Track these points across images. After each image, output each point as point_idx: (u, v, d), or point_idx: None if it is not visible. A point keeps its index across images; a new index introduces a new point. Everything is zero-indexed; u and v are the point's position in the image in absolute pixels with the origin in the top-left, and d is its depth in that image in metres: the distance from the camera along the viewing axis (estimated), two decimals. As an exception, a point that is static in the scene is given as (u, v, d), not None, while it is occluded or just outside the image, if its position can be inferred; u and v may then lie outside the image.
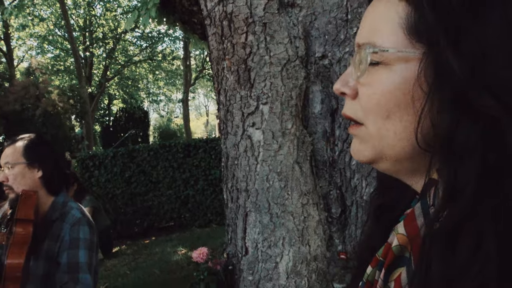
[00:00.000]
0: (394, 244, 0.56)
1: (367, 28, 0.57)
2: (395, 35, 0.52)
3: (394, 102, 0.53)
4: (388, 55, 0.53)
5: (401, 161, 0.56)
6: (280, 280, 2.12)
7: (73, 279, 2.01)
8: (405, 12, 0.52)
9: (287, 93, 2.22)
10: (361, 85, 0.56)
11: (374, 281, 0.60)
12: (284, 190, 2.18)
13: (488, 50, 0.47)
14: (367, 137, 0.57)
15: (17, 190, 2.09)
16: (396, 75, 0.52)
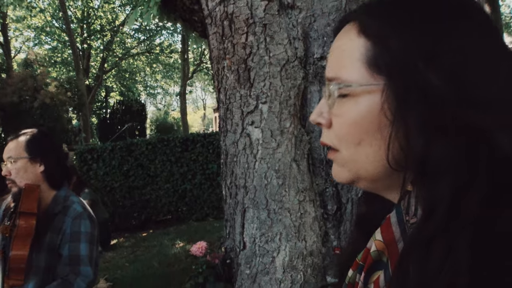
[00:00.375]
0: (372, 250, 0.61)
1: (333, 63, 0.61)
2: (357, 70, 0.57)
3: (363, 130, 0.57)
4: (353, 89, 0.57)
5: (376, 180, 0.60)
6: (277, 274, 2.18)
7: (74, 271, 2.06)
8: (364, 47, 0.56)
9: (286, 92, 2.27)
10: (334, 115, 0.61)
11: (355, 283, 0.65)
12: (282, 187, 2.24)
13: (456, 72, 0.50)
14: (343, 161, 0.62)
15: (20, 184, 2.14)
16: (362, 106, 0.56)
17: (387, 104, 0.54)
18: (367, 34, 0.56)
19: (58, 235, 2.13)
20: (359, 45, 0.57)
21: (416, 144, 0.51)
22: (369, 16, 0.58)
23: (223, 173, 2.63)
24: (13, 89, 11.62)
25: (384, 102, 0.54)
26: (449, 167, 0.49)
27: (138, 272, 3.51)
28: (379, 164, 0.57)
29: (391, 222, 0.60)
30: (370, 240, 0.62)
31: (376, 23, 0.56)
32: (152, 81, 31.79)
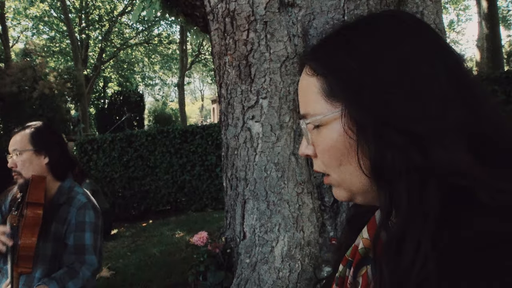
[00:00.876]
0: (360, 247, 0.67)
1: (302, 102, 0.70)
2: (319, 103, 0.65)
3: (339, 153, 0.65)
4: (322, 120, 0.65)
5: (366, 192, 0.66)
6: (276, 263, 2.26)
7: (79, 260, 2.12)
8: (318, 83, 0.65)
9: (285, 88, 2.34)
10: (316, 146, 0.68)
11: (346, 277, 0.71)
12: (281, 179, 2.32)
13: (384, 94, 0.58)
14: (336, 183, 0.69)
15: (26, 176, 2.18)
16: (332, 132, 0.64)
17: (347, 126, 0.62)
18: (317, 73, 0.65)
19: (63, 225, 2.19)
20: (314, 83, 0.66)
21: (373, 156, 0.58)
22: (314, 58, 0.67)
23: (224, 166, 2.70)
24: (12, 79, 11.59)
25: (345, 125, 0.62)
26: (399, 174, 0.56)
27: (139, 261, 3.56)
28: (362, 179, 0.63)
29: (375, 219, 0.67)
30: (358, 237, 0.69)
31: (320, 62, 0.65)
32: (150, 72, 31.68)
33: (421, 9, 2.43)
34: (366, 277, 0.65)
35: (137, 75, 31.19)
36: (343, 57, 0.62)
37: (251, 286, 2.25)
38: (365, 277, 0.66)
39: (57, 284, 1.96)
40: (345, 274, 0.71)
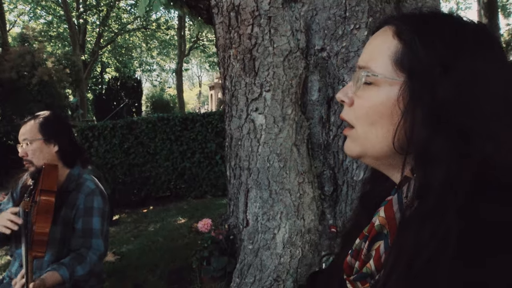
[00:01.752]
0: (376, 224, 0.73)
1: (367, 55, 0.73)
2: (384, 64, 0.69)
3: (378, 114, 0.69)
4: (377, 79, 0.69)
5: (380, 158, 0.72)
6: (277, 249, 2.36)
7: (86, 244, 2.20)
8: (395, 48, 0.68)
9: (288, 81, 2.42)
10: (357, 97, 0.73)
11: (360, 250, 0.76)
12: (283, 169, 2.41)
13: (462, 87, 0.61)
14: (356, 137, 0.73)
15: (37, 164, 2.25)
16: (382, 94, 0.68)
17: (402, 97, 0.66)
18: (400, 37, 0.68)
19: (72, 210, 2.27)
20: (392, 45, 0.69)
21: (419, 135, 0.62)
22: (405, 23, 0.69)
23: (227, 155, 2.78)
24: (11, 65, 11.55)
25: (400, 95, 0.66)
26: (443, 159, 0.60)
27: (143, 246, 3.65)
28: (385, 145, 0.69)
29: (393, 203, 0.72)
30: (375, 215, 0.75)
31: (409, 30, 0.67)
32: (148, 58, 31.53)
33: (420, 5, 2.50)
34: (379, 251, 0.71)
35: (135, 61, 31.03)
36: (434, 39, 0.65)
37: (253, 271, 2.35)
38: (378, 250, 0.72)
39: (66, 269, 2.03)
40: (360, 247, 0.77)
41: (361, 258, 0.75)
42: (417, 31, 0.67)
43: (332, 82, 2.43)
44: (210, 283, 2.58)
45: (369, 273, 0.73)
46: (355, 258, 0.77)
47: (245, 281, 2.35)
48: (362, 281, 0.74)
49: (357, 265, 0.76)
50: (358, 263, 0.76)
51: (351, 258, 0.79)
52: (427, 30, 0.67)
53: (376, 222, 0.73)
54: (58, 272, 2.00)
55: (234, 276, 2.41)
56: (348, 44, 2.34)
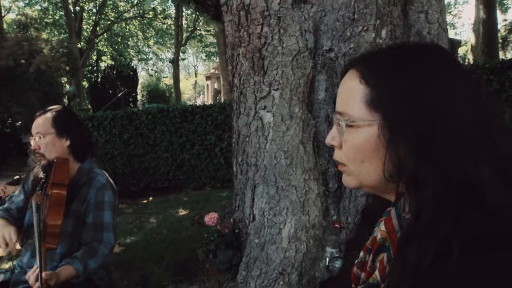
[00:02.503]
0: (378, 237, 0.80)
1: (342, 101, 0.80)
2: (359, 108, 0.75)
3: (364, 152, 0.76)
4: (356, 123, 0.75)
5: (375, 187, 0.79)
6: (283, 243, 2.43)
7: (97, 237, 2.25)
8: (364, 92, 0.74)
9: (296, 81, 2.48)
10: (343, 140, 0.79)
11: (366, 262, 0.83)
12: (290, 166, 2.47)
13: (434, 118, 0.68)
14: (350, 173, 0.81)
15: (49, 157, 2.30)
16: (364, 134, 0.75)
17: (382, 134, 0.72)
18: (366, 82, 0.74)
19: (83, 204, 2.32)
20: (360, 90, 0.75)
21: (406, 165, 0.69)
22: (367, 68, 0.76)
23: (234, 151, 2.85)
24: (8, 52, 11.50)
25: (380, 133, 0.72)
26: (429, 182, 0.67)
27: (147, 238, 3.69)
28: (377, 177, 0.76)
29: (392, 216, 0.79)
30: (376, 229, 0.83)
31: (372, 74, 0.74)
32: (144, 47, 31.38)
33: (426, 8, 2.56)
34: (383, 262, 0.78)
35: (131, 50, 30.88)
36: (396, 77, 0.72)
37: (259, 264, 2.42)
38: (382, 262, 0.78)
39: (79, 263, 2.08)
40: (365, 259, 0.84)
41: (366, 269, 0.82)
42: (379, 73, 0.74)
43: (339, 82, 2.48)
44: (216, 275, 2.66)
45: (375, 283, 0.79)
46: (361, 270, 0.85)
47: (251, 274, 2.42)
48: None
49: (363, 276, 0.83)
50: (364, 274, 0.83)
51: (357, 269, 0.87)
52: (388, 70, 0.74)
53: (378, 236, 0.81)
54: (72, 266, 2.04)
55: (241, 269, 2.49)
56: (355, 45, 2.40)
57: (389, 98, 0.71)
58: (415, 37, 2.57)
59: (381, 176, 0.75)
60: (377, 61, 0.78)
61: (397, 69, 0.73)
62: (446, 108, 0.69)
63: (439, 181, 0.67)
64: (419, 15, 2.56)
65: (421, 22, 2.56)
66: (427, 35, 2.56)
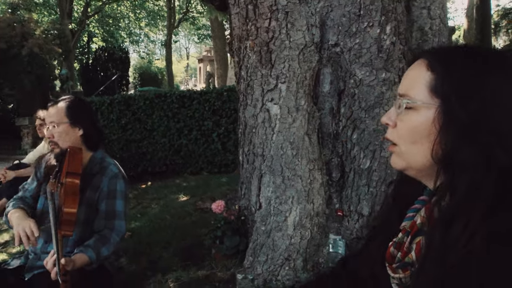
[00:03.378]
0: (418, 222, 0.88)
1: (406, 84, 0.89)
2: (422, 92, 0.84)
3: (418, 134, 0.84)
4: (416, 105, 0.84)
5: (421, 170, 0.87)
6: (288, 231, 2.53)
7: (109, 225, 2.34)
8: (429, 78, 0.83)
9: (302, 74, 2.56)
10: (399, 120, 0.88)
11: (403, 243, 0.90)
12: (295, 157, 2.56)
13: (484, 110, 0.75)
14: (400, 153, 0.89)
15: (62, 146, 2.37)
16: (421, 117, 0.83)
17: (437, 118, 0.80)
18: (433, 70, 0.84)
19: (95, 192, 2.40)
20: (426, 76, 0.84)
21: (452, 148, 0.77)
22: (435, 58, 0.85)
23: (240, 141, 2.93)
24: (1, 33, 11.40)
25: (436, 117, 0.81)
26: (469, 167, 0.75)
27: (152, 224, 3.75)
28: (426, 159, 0.83)
29: (432, 203, 0.85)
30: (417, 215, 0.90)
31: (440, 64, 0.83)
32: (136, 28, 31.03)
33: (428, 4, 2.64)
34: (419, 244, 0.86)
35: (122, 31, 30.53)
36: (458, 69, 0.81)
37: (266, 250, 2.53)
38: (418, 244, 0.86)
39: (92, 251, 2.17)
40: (403, 240, 0.91)
41: (403, 249, 0.90)
42: (446, 64, 0.83)
43: (344, 76, 2.57)
44: (223, 260, 2.77)
45: (410, 262, 0.88)
46: (398, 249, 0.92)
47: (258, 259, 2.53)
48: (404, 268, 0.89)
49: (399, 255, 0.91)
50: (401, 254, 0.90)
51: (393, 249, 0.94)
52: (453, 63, 0.82)
53: (417, 220, 0.88)
54: (85, 254, 2.13)
55: (248, 255, 2.59)
56: (361, 41, 2.48)
57: (450, 86, 0.80)
58: (417, 32, 2.65)
59: (428, 159, 0.83)
60: (445, 53, 0.87)
61: (460, 63, 0.82)
62: (497, 101, 0.77)
63: (478, 167, 0.74)
64: (422, 11, 2.64)
65: (423, 17, 2.64)
66: (428, 31, 2.65)
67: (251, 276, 2.35)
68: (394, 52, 2.47)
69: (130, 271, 2.87)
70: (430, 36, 2.65)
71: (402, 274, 0.90)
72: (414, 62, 0.90)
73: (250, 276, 2.34)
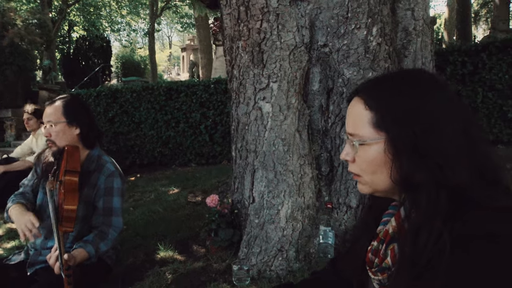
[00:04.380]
0: (390, 231, 0.98)
1: (351, 124, 0.98)
2: (367, 130, 0.93)
3: (375, 164, 0.94)
4: (366, 142, 0.94)
5: (385, 191, 0.98)
6: (281, 223, 2.66)
7: (107, 222, 2.44)
8: (369, 116, 0.93)
9: (293, 73, 2.67)
10: (357, 156, 0.97)
11: (379, 250, 1.01)
12: (287, 153, 2.68)
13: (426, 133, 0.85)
14: (365, 182, 0.99)
15: (59, 145, 2.43)
16: (374, 151, 0.93)
17: (387, 149, 0.91)
18: (370, 108, 0.93)
19: (93, 190, 2.48)
20: (366, 114, 0.94)
21: (406, 173, 0.88)
22: (369, 96, 0.95)
23: (233, 138, 3.03)
24: (-20, 24, 11.22)
25: (386, 149, 0.91)
26: (424, 188, 0.85)
27: (146, 217, 3.80)
28: (387, 183, 0.94)
29: (400, 213, 0.97)
30: (388, 224, 1.00)
31: (374, 101, 0.93)
32: (117, 17, 30.55)
33: (412, 6, 2.77)
34: (393, 250, 0.97)
35: (104, 20, 30.03)
36: (394, 101, 0.90)
37: (259, 242, 2.66)
38: (392, 250, 0.97)
39: (92, 246, 2.26)
40: (378, 247, 1.02)
41: (380, 256, 1.01)
42: (379, 101, 0.93)
43: (332, 75, 2.69)
44: (218, 252, 2.88)
45: (387, 267, 0.98)
46: (375, 256, 1.03)
47: (252, 251, 2.65)
48: (382, 272, 1.01)
49: (377, 261, 1.02)
50: (378, 260, 1.01)
51: (372, 255, 1.05)
52: (387, 96, 0.92)
53: (389, 229, 1.00)
54: (85, 249, 2.22)
55: (242, 247, 2.71)
56: (349, 42, 2.60)
57: (390, 120, 0.90)
58: (402, 33, 2.78)
59: (389, 182, 0.93)
60: (377, 88, 0.96)
61: (395, 95, 0.91)
62: (437, 124, 0.86)
63: (432, 186, 0.85)
64: (406, 12, 2.77)
65: (408, 19, 2.77)
66: (412, 31, 2.78)
67: (246, 267, 2.47)
68: (380, 52, 2.60)
69: (128, 263, 2.97)
70: (414, 36, 2.79)
71: (381, 277, 1.02)
72: (352, 98, 1.01)
73: (245, 267, 2.46)
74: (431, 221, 0.84)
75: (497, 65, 5.55)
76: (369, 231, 1.11)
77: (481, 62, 5.62)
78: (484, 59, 5.60)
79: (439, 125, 0.86)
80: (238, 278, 2.45)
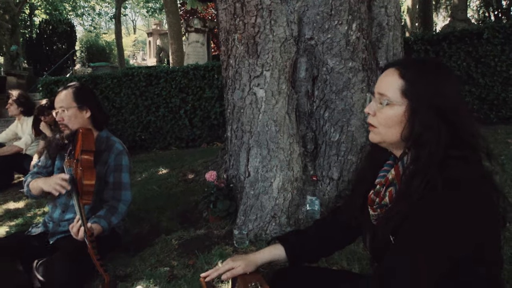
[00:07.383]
0: (390, 178, 1.25)
1: (383, 85, 1.22)
2: (395, 93, 1.17)
3: (392, 122, 1.18)
4: (392, 102, 1.18)
5: (392, 143, 1.23)
6: (273, 194, 3.04)
7: (117, 196, 2.74)
8: (401, 83, 1.17)
9: (283, 63, 3.04)
10: (379, 111, 1.22)
11: (380, 191, 1.28)
12: (278, 133, 3.06)
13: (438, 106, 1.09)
14: (378, 133, 1.23)
15: (72, 128, 2.71)
16: (395, 111, 1.17)
17: (406, 112, 1.14)
18: (403, 77, 1.16)
19: (104, 167, 2.77)
20: (398, 82, 1.17)
21: (417, 132, 1.11)
22: (405, 68, 1.18)
23: (228, 120, 3.39)
24: None
25: (405, 112, 1.14)
26: (428, 145, 1.09)
27: (143, 194, 4.05)
28: (396, 137, 1.18)
29: (399, 166, 1.22)
30: (389, 173, 1.26)
31: (408, 74, 1.16)
32: (81, 1, 29.89)
33: (386, 4, 3.19)
34: (391, 192, 1.23)
35: (66, 3, 29.32)
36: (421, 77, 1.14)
37: (255, 210, 3.04)
38: (391, 192, 1.23)
39: (105, 220, 2.56)
40: (380, 190, 1.29)
41: (380, 196, 1.34)
42: (412, 74, 1.17)
43: (317, 64, 3.09)
44: (217, 222, 3.25)
45: (385, 204, 1.26)
46: (376, 196, 1.36)
47: (249, 218, 3.03)
48: (381, 208, 1.33)
49: (377, 200, 1.34)
50: (378, 199, 1.34)
51: (374, 196, 1.37)
52: (418, 73, 1.17)
53: (389, 176, 1.27)
54: (99, 224, 2.51)
55: (240, 215, 3.09)
56: (332, 35, 3.00)
57: (416, 91, 1.14)
58: (376, 27, 3.20)
59: (398, 138, 1.18)
60: (411, 65, 1.20)
61: (422, 74, 1.16)
62: (445, 100, 1.11)
63: (433, 144, 1.09)
64: (380, 10, 3.19)
65: (382, 15, 3.19)
66: (386, 26, 3.20)
67: (245, 231, 2.86)
68: (359, 45, 3.01)
69: (135, 233, 3.29)
70: (386, 30, 3.21)
71: (379, 212, 1.29)
72: (387, 69, 1.25)
73: (244, 231, 2.84)
74: (427, 169, 1.08)
75: (456, 53, 6.09)
76: (366, 183, 1.41)
77: (442, 50, 6.15)
78: (445, 48, 6.14)
79: (450, 102, 1.11)
80: (238, 241, 2.83)
